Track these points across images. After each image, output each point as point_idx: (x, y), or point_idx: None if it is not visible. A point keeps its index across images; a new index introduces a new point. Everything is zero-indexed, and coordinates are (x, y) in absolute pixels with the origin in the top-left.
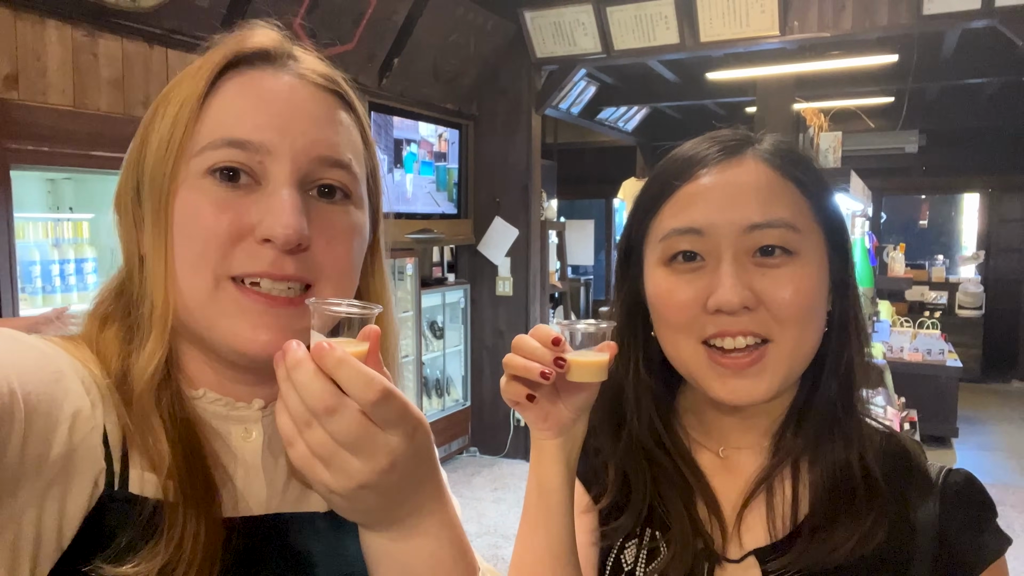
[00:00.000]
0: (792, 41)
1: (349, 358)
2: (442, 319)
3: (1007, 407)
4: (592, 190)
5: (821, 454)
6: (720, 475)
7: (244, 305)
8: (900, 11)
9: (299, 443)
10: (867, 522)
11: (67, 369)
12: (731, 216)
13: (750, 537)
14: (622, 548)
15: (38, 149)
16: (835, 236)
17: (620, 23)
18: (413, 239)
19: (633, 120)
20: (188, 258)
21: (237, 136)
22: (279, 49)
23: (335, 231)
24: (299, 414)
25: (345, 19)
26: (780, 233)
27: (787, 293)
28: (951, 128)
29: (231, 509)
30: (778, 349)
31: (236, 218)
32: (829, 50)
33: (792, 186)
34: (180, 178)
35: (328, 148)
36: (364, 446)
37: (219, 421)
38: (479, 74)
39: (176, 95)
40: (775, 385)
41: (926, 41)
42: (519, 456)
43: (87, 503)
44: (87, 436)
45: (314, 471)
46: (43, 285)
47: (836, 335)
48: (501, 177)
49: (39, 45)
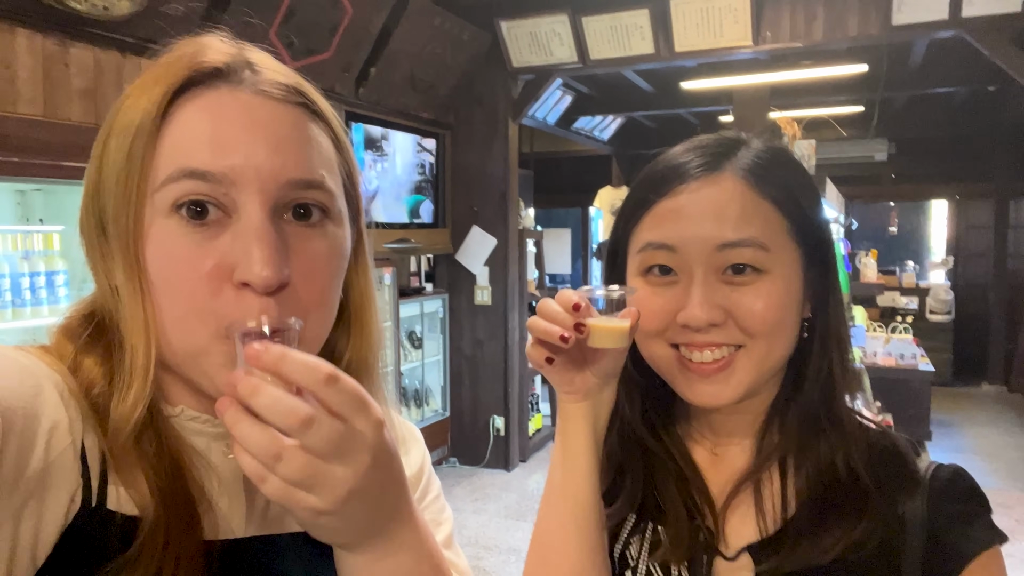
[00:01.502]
0: (765, 51)
1: (286, 349)
2: (420, 329)
3: (978, 410)
4: (568, 199)
5: (805, 455)
6: (712, 469)
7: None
8: (869, 21)
9: (271, 478)
10: (857, 523)
11: (47, 383)
12: (703, 234)
13: (741, 533)
14: (627, 543)
15: (7, 160)
16: (815, 251)
17: (595, 33)
18: (390, 249)
19: (608, 129)
20: (174, 310)
21: (197, 167)
22: (235, 63)
23: (314, 262)
24: (265, 448)
25: (321, 28)
26: (750, 252)
27: (756, 307)
28: (919, 137)
29: (212, 530)
30: (747, 354)
31: (215, 265)
32: (801, 60)
33: (768, 204)
34: (146, 218)
35: (298, 170)
36: (344, 448)
37: (198, 438)
38: (456, 83)
39: (128, 121)
40: (741, 390)
41: (895, 51)
42: (499, 466)
43: (63, 519)
44: (64, 451)
45: (297, 500)
46: (12, 299)
47: (816, 342)
48: (479, 186)
49: (9, 54)
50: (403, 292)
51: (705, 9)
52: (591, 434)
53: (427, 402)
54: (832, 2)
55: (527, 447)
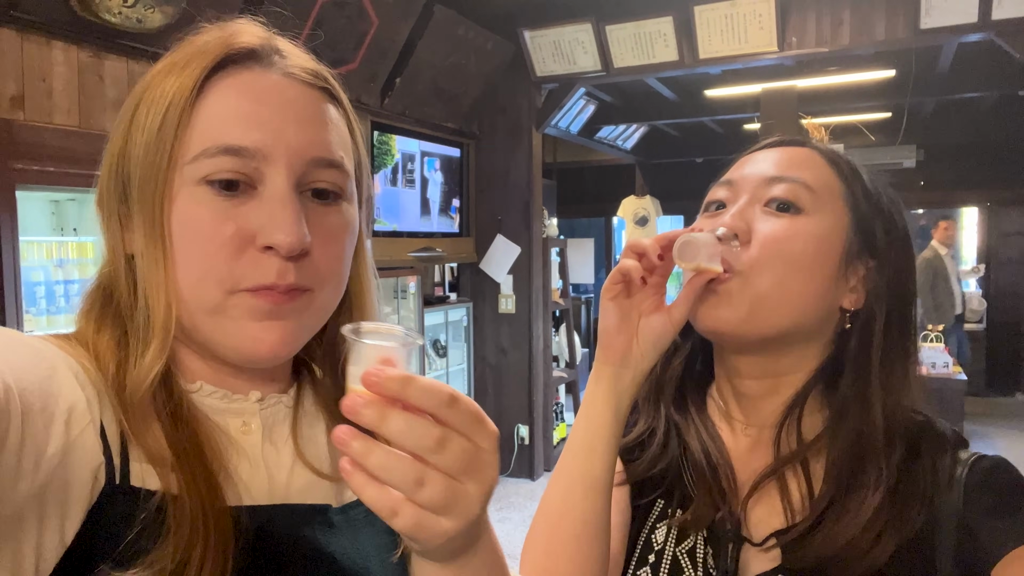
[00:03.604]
0: (790, 57)
1: (406, 374)
2: (445, 337)
3: (1013, 419)
4: (592, 208)
5: (836, 444)
6: (740, 453)
7: (253, 310)
8: (897, 26)
9: (405, 509)
10: (883, 514)
11: (61, 365)
12: (758, 169)
13: (768, 520)
14: (653, 528)
15: (43, 169)
16: (867, 232)
17: (619, 41)
18: (415, 257)
19: (632, 138)
20: (193, 270)
21: (232, 143)
22: (267, 46)
23: (330, 234)
24: (407, 475)
25: (348, 40)
26: (793, 187)
27: (779, 235)
28: (949, 142)
29: (235, 500)
30: (742, 285)
31: (238, 229)
32: (827, 66)
33: (831, 170)
34: (175, 185)
35: (321, 148)
36: (473, 466)
37: (216, 414)
38: (480, 93)
39: (161, 92)
40: (739, 318)
41: (923, 56)
42: (523, 475)
43: (88, 498)
44: (84, 431)
45: (431, 528)
46: (47, 306)
47: (856, 336)
48: (502, 195)
49: (45, 66)
50: (427, 301)
51: (730, 15)
52: (615, 407)
53: None
54: (859, 6)
55: (552, 456)
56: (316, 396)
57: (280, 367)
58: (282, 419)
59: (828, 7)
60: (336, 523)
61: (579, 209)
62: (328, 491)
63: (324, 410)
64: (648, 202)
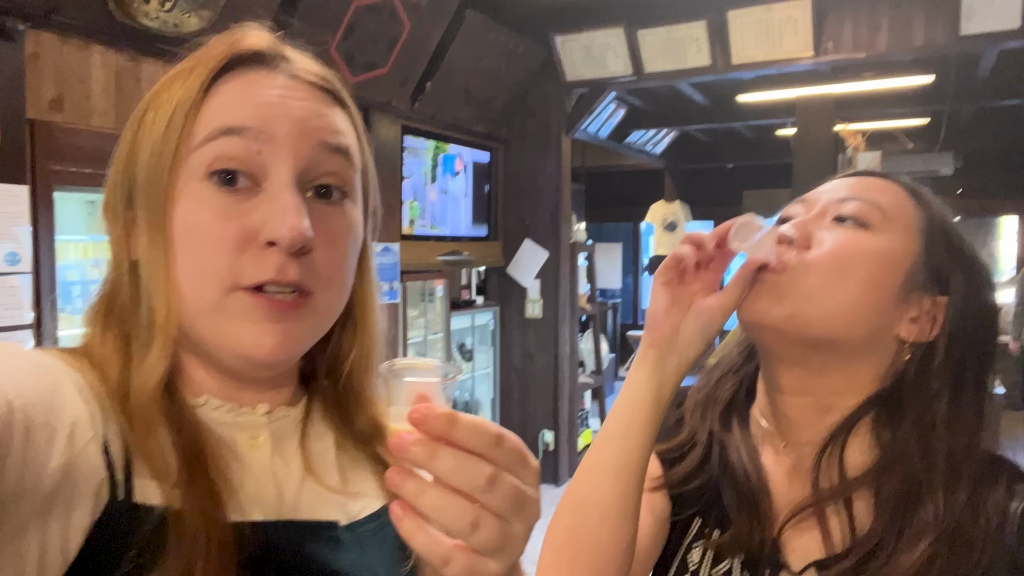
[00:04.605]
0: (826, 62)
1: (452, 413)
2: (471, 341)
3: None
4: (620, 213)
5: (890, 479)
6: (785, 474)
7: (251, 311)
8: (936, 31)
9: (460, 555)
10: (938, 550)
11: (64, 379)
12: (835, 193)
13: (807, 548)
14: (689, 548)
15: (80, 171)
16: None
17: (651, 46)
18: (443, 261)
19: (662, 143)
20: (193, 268)
21: (235, 124)
22: (273, 50)
23: (333, 234)
24: (463, 516)
25: (380, 44)
26: (864, 206)
27: (835, 243)
28: (988, 150)
29: (241, 515)
30: (791, 280)
31: (240, 225)
32: (864, 71)
33: (909, 198)
34: (179, 184)
35: (327, 133)
36: (520, 504)
37: (223, 428)
38: (510, 97)
39: (168, 97)
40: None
41: (962, 62)
42: (548, 481)
43: (90, 514)
44: (86, 446)
45: (482, 570)
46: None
47: (914, 369)
48: (531, 199)
49: (84, 69)
50: (454, 304)
51: (764, 20)
52: (656, 392)
53: (476, 415)
54: (897, 12)
55: (576, 463)
56: (324, 411)
57: (286, 379)
58: (291, 432)
59: (865, 12)
60: (343, 540)
61: (607, 214)
62: (337, 507)
63: (332, 425)
64: (677, 207)
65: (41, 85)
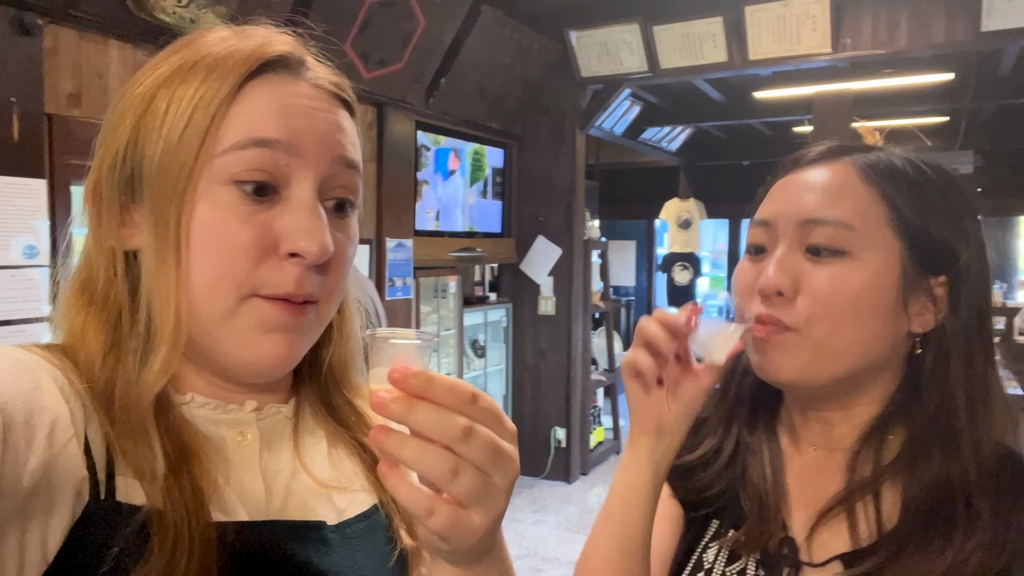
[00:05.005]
0: (844, 59)
1: (429, 373)
2: (484, 338)
3: None
4: (634, 210)
5: (916, 472)
6: (808, 476)
7: (267, 319)
8: (957, 28)
9: (442, 506)
10: (964, 548)
11: (44, 377)
12: (792, 209)
13: (832, 543)
14: (705, 548)
15: None
16: (928, 253)
17: (667, 42)
18: (456, 257)
19: (677, 140)
20: (210, 274)
21: (266, 136)
22: (297, 56)
23: (342, 246)
24: (442, 464)
25: (395, 39)
26: (832, 231)
27: (825, 289)
28: (1009, 148)
29: (226, 514)
30: (800, 339)
31: (262, 234)
32: (882, 68)
33: (872, 191)
34: (200, 187)
35: (346, 148)
36: (497, 458)
37: (210, 425)
38: (524, 93)
39: (185, 92)
40: (799, 368)
41: (983, 59)
42: (559, 478)
43: (71, 513)
44: (67, 444)
45: (466, 524)
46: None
47: (930, 357)
48: (544, 196)
49: (102, 64)
50: (467, 301)
51: (782, 16)
52: (652, 473)
53: None
54: (917, 8)
55: (588, 460)
56: (315, 408)
57: (279, 379)
58: (282, 429)
59: (884, 8)
60: (331, 540)
61: (621, 211)
62: (328, 506)
63: (323, 422)
64: (692, 205)
65: (59, 80)
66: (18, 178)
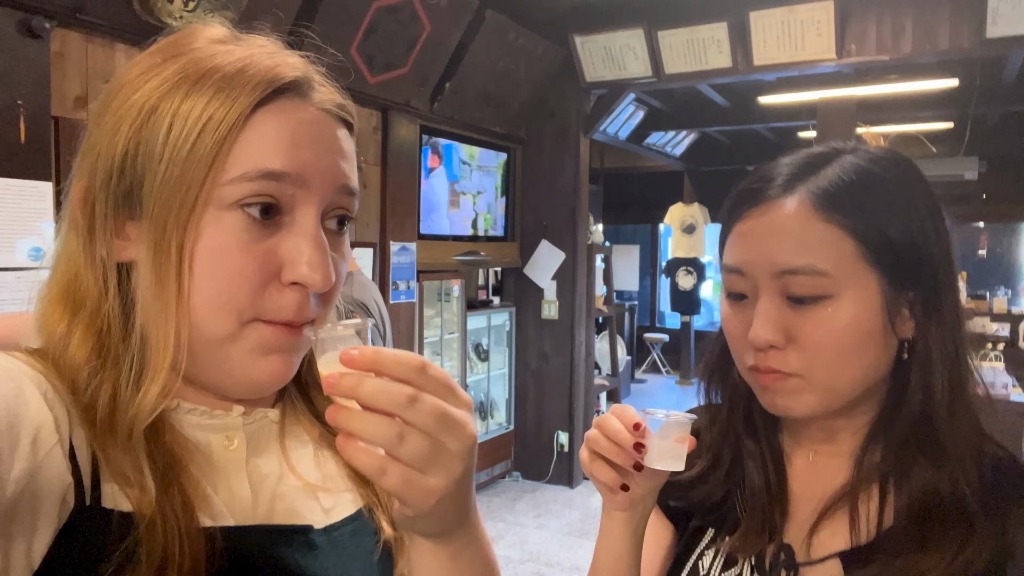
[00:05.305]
0: (849, 64)
1: (377, 348)
2: (487, 341)
3: None
4: (638, 215)
5: (905, 476)
6: (809, 478)
7: (268, 342)
8: (962, 34)
9: (392, 466)
10: (961, 548)
11: (27, 383)
12: (764, 260)
13: (831, 541)
14: (701, 555)
15: None
16: (907, 272)
17: (671, 47)
18: (459, 261)
19: (681, 145)
20: (213, 299)
21: (274, 168)
22: (306, 79)
23: (336, 263)
24: (387, 430)
25: (399, 44)
26: (807, 280)
27: (816, 336)
28: (1013, 155)
29: (213, 520)
30: (804, 383)
31: (265, 261)
32: (887, 74)
33: (834, 229)
34: (207, 214)
35: (346, 178)
36: (449, 424)
37: (197, 430)
38: (528, 98)
39: (189, 110)
40: (811, 407)
41: (988, 65)
42: (562, 482)
43: (56, 521)
44: (51, 451)
45: (417, 485)
46: None
47: (915, 364)
48: (548, 200)
49: (108, 68)
50: (471, 304)
51: (786, 21)
52: (632, 538)
53: (491, 415)
54: (922, 14)
55: None
56: (299, 412)
57: None
58: (269, 434)
59: (889, 14)
60: (318, 544)
61: (625, 216)
62: (315, 510)
63: (307, 426)
64: (696, 210)
65: (66, 83)
66: (24, 180)
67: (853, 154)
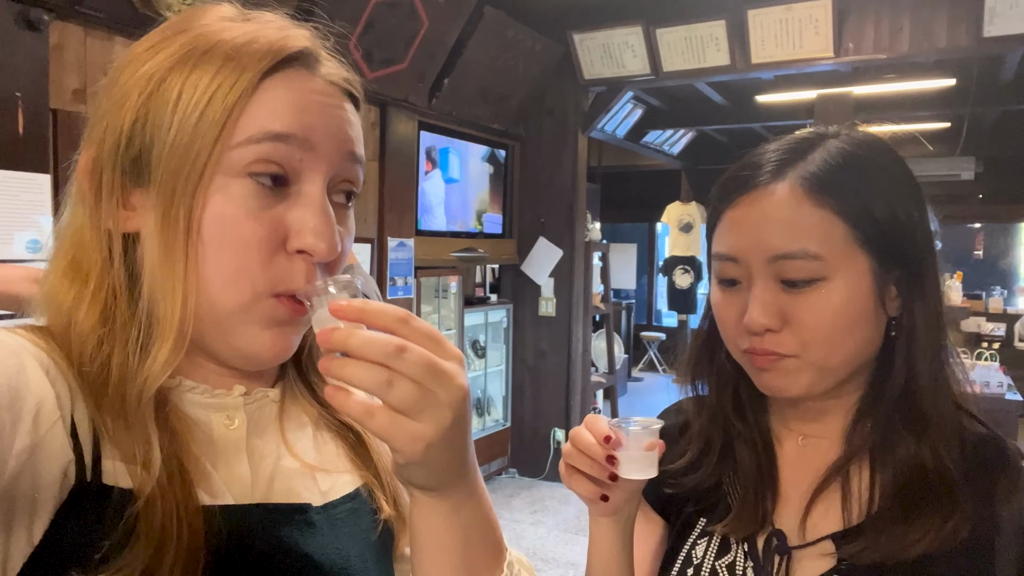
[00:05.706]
0: (846, 63)
1: (364, 300)
2: (484, 338)
3: None
4: (635, 214)
5: (891, 451)
6: (799, 462)
7: (276, 316)
8: (959, 33)
9: (379, 411)
10: (946, 519)
11: (29, 359)
12: (757, 246)
13: (823, 524)
14: (694, 544)
15: None
16: (897, 254)
17: (670, 45)
18: (457, 257)
19: (679, 143)
20: (224, 270)
21: (281, 130)
22: (313, 51)
23: (342, 238)
24: (376, 376)
25: (398, 40)
26: (801, 264)
27: (810, 318)
28: (1010, 155)
29: (213, 498)
30: (800, 363)
31: (272, 229)
32: (884, 73)
33: (826, 213)
34: (215, 181)
35: (353, 143)
36: (437, 372)
37: (198, 409)
38: (526, 95)
39: (198, 81)
40: (804, 386)
41: (985, 65)
42: (558, 479)
43: (57, 497)
44: (53, 427)
45: (405, 429)
46: None
47: (902, 342)
48: (546, 198)
49: (107, 60)
50: (468, 301)
51: (784, 20)
52: (621, 538)
53: (488, 411)
54: (919, 13)
55: None
56: (299, 392)
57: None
58: (269, 413)
59: (887, 13)
60: (316, 522)
61: (623, 214)
62: (312, 489)
63: (307, 406)
64: (693, 208)
65: (65, 76)
66: (23, 173)
67: (837, 139)
